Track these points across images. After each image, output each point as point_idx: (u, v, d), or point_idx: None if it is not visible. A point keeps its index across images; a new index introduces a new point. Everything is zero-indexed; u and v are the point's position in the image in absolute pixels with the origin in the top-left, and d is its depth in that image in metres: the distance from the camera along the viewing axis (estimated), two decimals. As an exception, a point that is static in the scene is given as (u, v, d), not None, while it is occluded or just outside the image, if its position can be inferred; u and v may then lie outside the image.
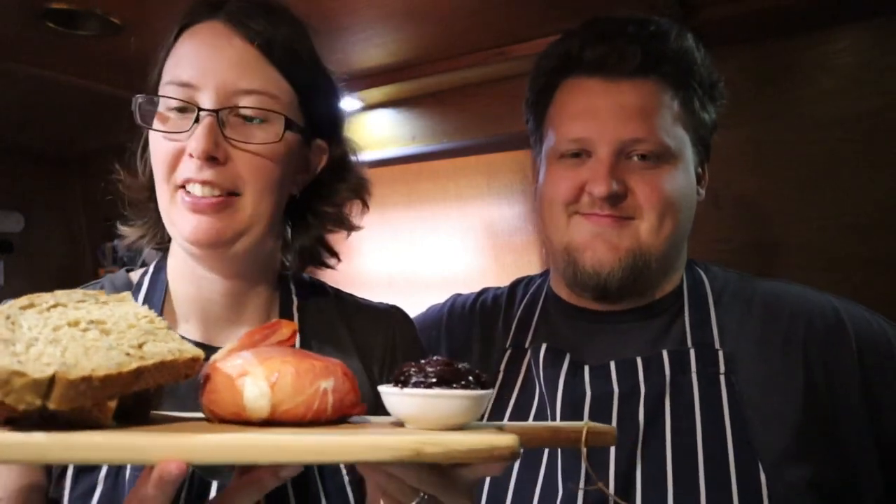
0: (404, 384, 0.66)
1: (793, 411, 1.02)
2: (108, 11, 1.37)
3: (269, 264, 1.03)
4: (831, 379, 1.03)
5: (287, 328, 0.78)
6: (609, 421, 1.07)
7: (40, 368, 0.56)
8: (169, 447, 0.58)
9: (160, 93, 0.91)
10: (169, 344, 0.68)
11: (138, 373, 0.62)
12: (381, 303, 1.14)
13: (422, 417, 0.66)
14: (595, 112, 1.11)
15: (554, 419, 1.11)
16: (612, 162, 1.09)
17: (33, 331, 0.63)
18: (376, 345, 1.05)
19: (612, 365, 1.11)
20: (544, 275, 1.34)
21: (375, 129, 2.03)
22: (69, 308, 0.70)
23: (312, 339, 1.01)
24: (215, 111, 0.88)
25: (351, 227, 1.08)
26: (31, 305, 0.68)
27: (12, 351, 0.58)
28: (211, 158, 0.87)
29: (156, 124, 0.91)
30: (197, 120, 0.87)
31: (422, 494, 0.70)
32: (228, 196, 0.90)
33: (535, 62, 1.24)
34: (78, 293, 0.73)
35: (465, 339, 1.30)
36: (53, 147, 2.61)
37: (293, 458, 0.61)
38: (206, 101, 0.88)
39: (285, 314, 1.02)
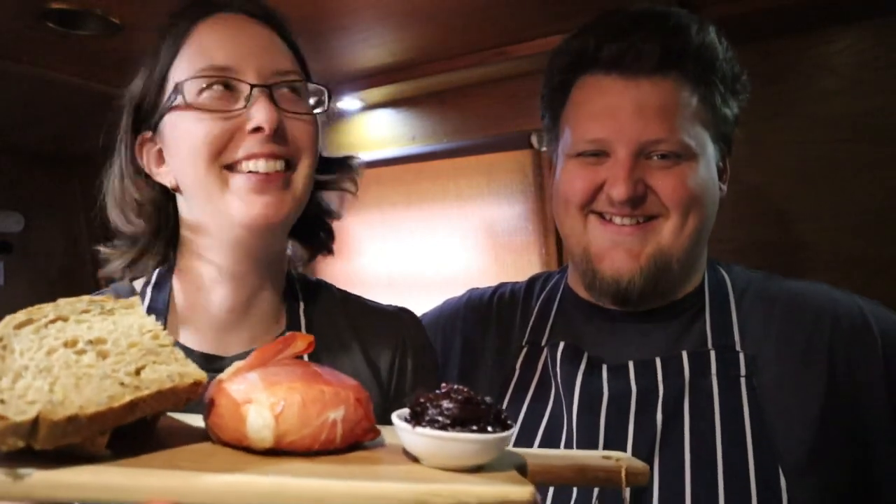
0: (418, 419, 0.62)
1: (815, 415, 1.00)
2: (108, 11, 1.37)
3: (280, 265, 1.03)
4: (855, 382, 1.01)
5: (302, 341, 0.73)
6: (626, 420, 1.06)
7: (23, 409, 0.53)
8: (158, 489, 0.56)
9: (185, 84, 0.90)
10: (171, 366, 0.64)
11: (132, 405, 0.59)
12: (389, 305, 1.13)
13: (435, 457, 0.62)
14: (613, 112, 1.08)
15: (570, 418, 1.10)
16: (632, 163, 1.06)
17: (25, 356, 0.60)
18: (385, 348, 1.05)
19: (631, 365, 1.09)
20: (562, 271, 1.32)
21: (375, 129, 2.03)
22: (70, 322, 0.66)
23: (317, 342, 1.00)
24: (268, 86, 0.90)
25: (334, 216, 1.11)
26: (30, 321, 0.65)
27: None
28: (278, 128, 0.89)
29: (190, 111, 0.90)
30: (248, 99, 0.89)
31: None
32: (287, 171, 0.92)
33: (550, 58, 1.21)
34: (83, 301, 0.70)
35: (482, 333, 1.29)
36: (53, 147, 2.60)
37: None
38: (252, 79, 0.90)
39: (291, 318, 1.01)
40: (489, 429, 0.61)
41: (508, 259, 2.05)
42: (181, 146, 0.91)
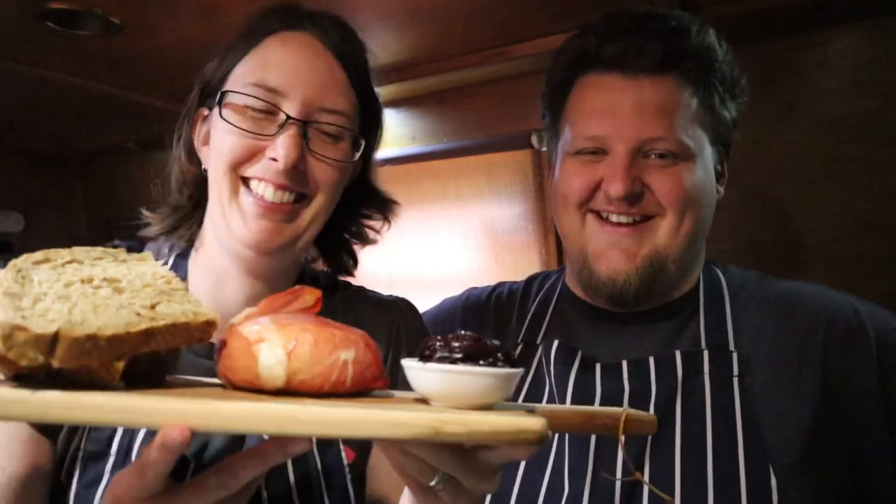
0: (428, 359, 0.62)
1: (808, 416, 0.99)
2: (108, 11, 1.37)
3: (294, 268, 1.05)
4: (848, 383, 1.01)
5: (310, 295, 0.73)
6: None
7: (44, 324, 0.54)
8: (172, 412, 0.56)
9: (239, 89, 0.92)
10: (184, 306, 0.66)
11: (147, 334, 0.59)
12: (389, 295, 1.15)
13: (445, 395, 0.62)
14: (613, 109, 1.09)
15: None
16: (630, 160, 1.07)
17: (43, 286, 0.61)
18: (380, 335, 1.05)
19: (624, 364, 1.10)
20: (560, 271, 1.33)
21: (375, 129, 2.03)
22: (85, 265, 0.68)
23: None
24: (303, 123, 0.90)
25: (368, 241, 1.14)
26: (46, 260, 0.67)
27: (18, 305, 0.56)
28: (296, 165, 0.90)
29: (230, 117, 0.92)
30: (281, 127, 0.90)
31: (441, 474, 0.66)
32: (296, 203, 0.93)
33: (552, 57, 1.22)
34: (97, 250, 0.72)
35: (479, 332, 1.29)
36: (53, 147, 2.60)
37: (304, 430, 0.56)
38: (292, 110, 0.90)
39: None
40: (499, 365, 0.61)
41: (508, 259, 2.05)
42: (214, 145, 0.95)
